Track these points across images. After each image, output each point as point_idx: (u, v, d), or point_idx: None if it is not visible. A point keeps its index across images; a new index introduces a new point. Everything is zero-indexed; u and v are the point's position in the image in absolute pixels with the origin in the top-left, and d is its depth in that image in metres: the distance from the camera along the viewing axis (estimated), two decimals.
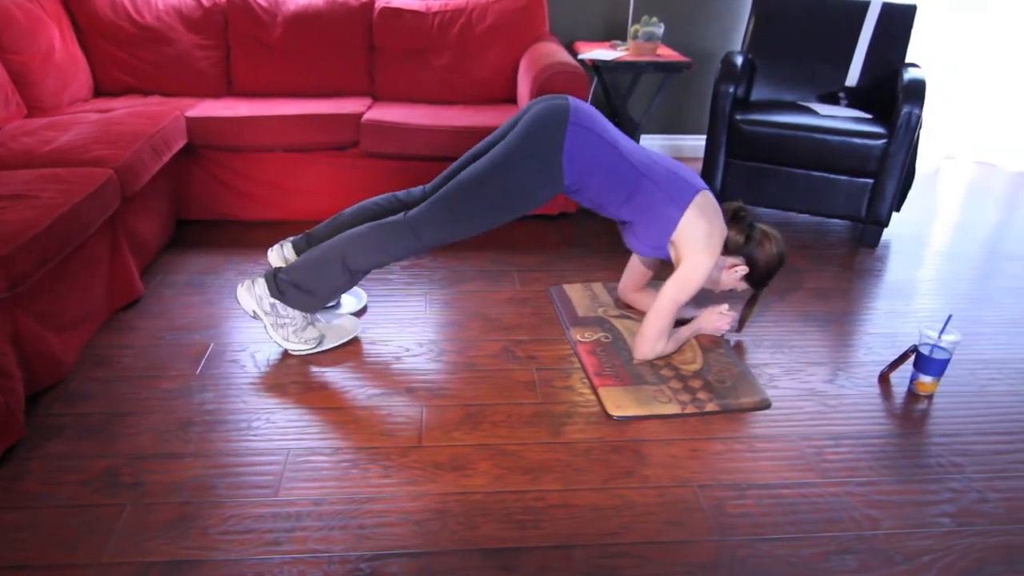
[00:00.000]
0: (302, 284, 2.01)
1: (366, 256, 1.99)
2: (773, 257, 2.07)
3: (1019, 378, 2.11)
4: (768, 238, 2.08)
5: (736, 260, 2.09)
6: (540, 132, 1.91)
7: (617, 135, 2.01)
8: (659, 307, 2.01)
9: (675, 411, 1.89)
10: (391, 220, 1.99)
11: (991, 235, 3.16)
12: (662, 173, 1.99)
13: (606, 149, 1.94)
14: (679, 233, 1.96)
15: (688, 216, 1.95)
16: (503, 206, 1.96)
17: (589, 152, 1.93)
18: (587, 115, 1.96)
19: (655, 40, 3.04)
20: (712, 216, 1.98)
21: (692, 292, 1.98)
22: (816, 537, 1.53)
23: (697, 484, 1.67)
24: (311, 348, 2.08)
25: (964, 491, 1.68)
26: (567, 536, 1.51)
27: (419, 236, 1.97)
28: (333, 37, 3.25)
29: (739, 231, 2.05)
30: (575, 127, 1.92)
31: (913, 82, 2.74)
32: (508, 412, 1.88)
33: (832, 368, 2.13)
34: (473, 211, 1.96)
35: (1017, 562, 1.49)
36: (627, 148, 1.99)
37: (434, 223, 1.97)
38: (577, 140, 1.91)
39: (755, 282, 2.12)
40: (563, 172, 1.93)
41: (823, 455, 1.77)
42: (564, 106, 1.95)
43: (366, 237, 1.98)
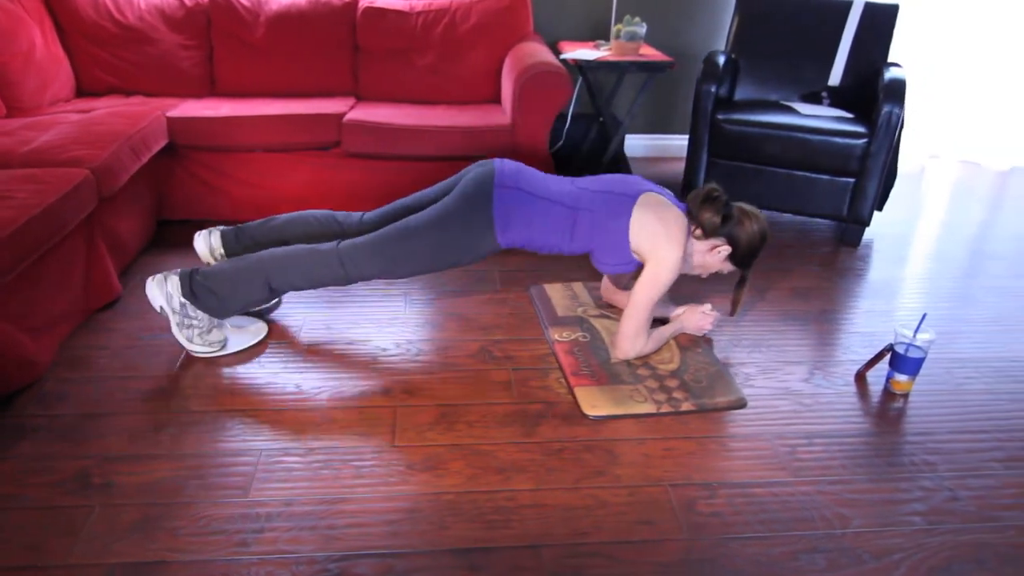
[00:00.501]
0: (218, 291, 2.02)
1: (290, 278, 2.04)
2: (755, 235, 2.05)
3: (996, 376, 2.12)
4: (748, 216, 2.06)
5: (717, 241, 2.07)
6: (470, 200, 1.99)
7: (544, 183, 2.05)
8: (633, 306, 2.01)
9: (650, 410, 1.89)
10: (323, 249, 2.03)
11: (974, 234, 3.16)
12: (595, 199, 2.02)
13: (533, 201, 2.00)
14: (635, 237, 1.97)
15: (635, 220, 1.97)
16: (432, 261, 2.04)
17: (518, 210, 1.99)
18: (511, 175, 2.02)
19: (637, 40, 3.04)
20: (660, 210, 1.99)
21: (663, 287, 1.98)
22: (786, 536, 1.53)
23: (669, 483, 1.67)
24: (214, 351, 2.08)
25: (936, 489, 1.68)
26: (537, 536, 1.51)
27: (346, 269, 2.03)
28: (316, 37, 3.24)
29: (714, 212, 2.02)
30: (500, 190, 1.99)
31: (893, 82, 2.75)
32: (483, 412, 1.88)
33: (809, 367, 2.13)
34: (403, 260, 2.02)
35: (986, 560, 1.49)
36: (556, 191, 2.03)
37: (363, 262, 2.02)
38: (504, 202, 1.98)
39: (740, 262, 2.10)
40: (496, 234, 2.00)
41: (796, 454, 1.77)
42: (489, 172, 2.02)
43: (295, 260, 2.02)
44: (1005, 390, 2.05)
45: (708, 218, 2.02)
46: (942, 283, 2.69)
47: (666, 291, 2.01)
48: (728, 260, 2.08)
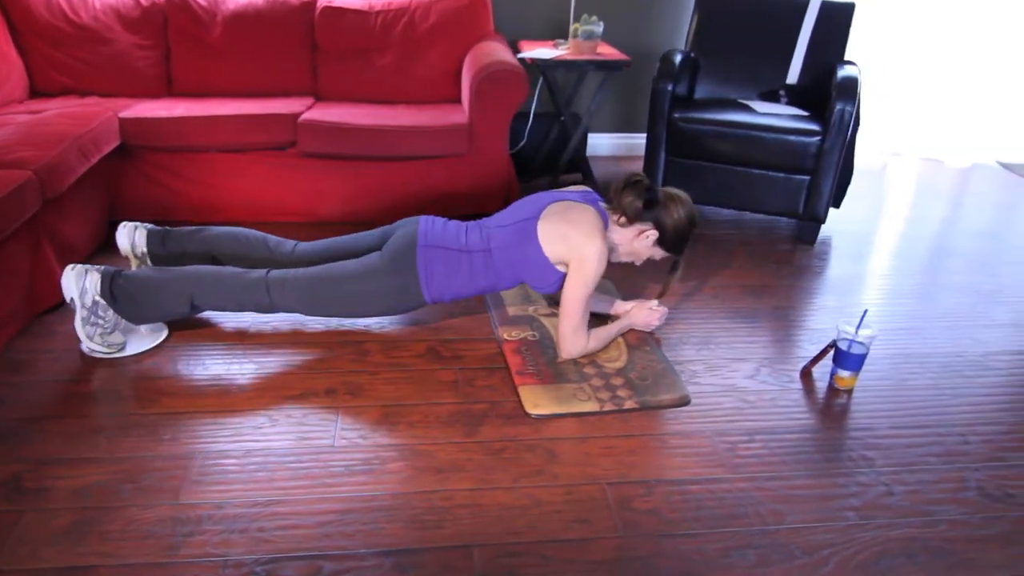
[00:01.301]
0: (139, 298, 2.03)
1: (215, 299, 2.06)
2: (681, 219, 2.04)
3: (941, 372, 2.13)
4: (674, 200, 2.04)
5: (644, 227, 2.06)
6: (396, 259, 2.04)
7: (461, 235, 2.08)
8: (565, 306, 2.01)
9: (593, 409, 1.90)
10: (252, 276, 2.07)
11: (931, 231, 3.19)
12: (504, 234, 2.04)
13: (452, 256, 2.04)
14: (551, 252, 1.98)
15: (542, 235, 1.99)
16: (357, 309, 2.10)
17: (440, 267, 2.04)
18: (432, 233, 2.06)
19: (595, 39, 3.05)
20: (565, 213, 2.00)
21: (592, 282, 1.97)
22: (719, 533, 1.54)
23: (607, 481, 1.67)
24: (112, 352, 2.06)
25: (871, 484, 1.69)
26: (469, 536, 1.50)
27: (272, 299, 2.06)
28: (275, 37, 3.23)
29: (635, 196, 2.00)
30: (423, 249, 2.03)
31: (845, 80, 2.77)
32: (426, 412, 1.88)
33: (756, 364, 2.14)
34: (329, 303, 2.07)
35: (916, 554, 1.50)
36: (470, 240, 2.07)
37: (290, 296, 2.06)
38: (427, 261, 2.03)
39: (670, 247, 2.09)
40: (421, 290, 2.05)
41: (736, 451, 1.78)
42: (413, 232, 2.06)
43: (223, 282, 2.05)
44: (949, 385, 2.07)
45: (630, 202, 2.01)
46: (896, 280, 2.71)
47: (595, 286, 2.00)
48: (657, 245, 2.08)
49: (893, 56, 3.99)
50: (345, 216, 3.01)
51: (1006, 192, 3.74)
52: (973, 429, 1.89)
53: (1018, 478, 1.73)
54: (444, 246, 2.05)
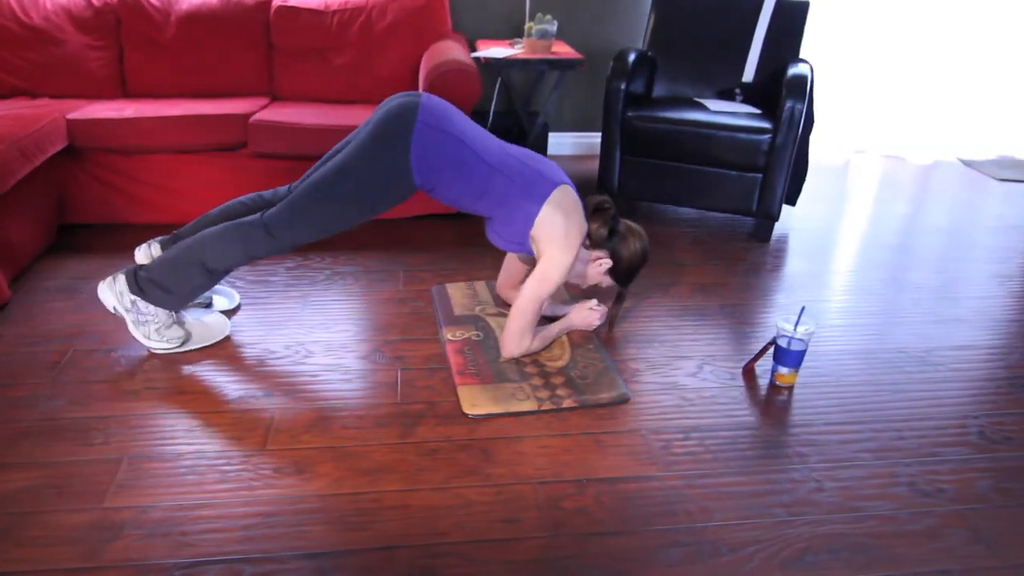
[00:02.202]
0: (162, 282, 2.00)
1: (223, 256, 1.99)
2: (636, 253, 2.08)
3: (882, 368, 2.14)
4: (633, 234, 2.08)
5: (600, 254, 2.09)
6: (387, 132, 1.91)
7: (472, 132, 2.00)
8: (520, 305, 2.01)
9: (531, 408, 1.89)
10: (247, 220, 1.98)
11: (887, 228, 3.21)
12: (518, 169, 1.98)
13: (456, 146, 1.93)
14: (538, 228, 1.96)
15: (545, 211, 1.95)
16: (354, 206, 1.96)
17: (437, 150, 1.92)
18: (437, 113, 1.95)
19: (549, 37, 3.04)
20: (571, 211, 1.98)
21: (552, 288, 1.98)
22: (647, 531, 1.54)
23: (538, 481, 1.66)
24: (174, 347, 2.06)
25: (803, 481, 1.70)
26: (394, 537, 1.50)
27: (274, 236, 1.97)
28: (229, 37, 3.20)
29: (602, 223, 2.05)
30: (423, 126, 1.91)
31: (795, 77, 2.78)
32: (362, 414, 1.87)
33: (699, 362, 2.14)
34: (325, 211, 1.95)
35: (840, 550, 1.50)
36: (481, 146, 1.98)
37: (288, 223, 1.96)
38: (425, 139, 1.90)
39: (618, 278, 2.12)
40: (412, 171, 1.92)
41: (670, 449, 1.78)
42: (414, 104, 1.94)
43: (222, 237, 1.98)
44: (888, 381, 2.08)
45: (595, 229, 2.03)
46: (847, 277, 2.72)
47: (552, 293, 2.01)
48: (608, 274, 2.09)
49: (856, 54, 4.01)
50: None
51: (966, 189, 3.76)
52: (909, 425, 1.90)
53: (950, 473, 1.74)
54: (447, 131, 1.92)
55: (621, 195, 3.12)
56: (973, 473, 1.74)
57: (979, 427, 1.90)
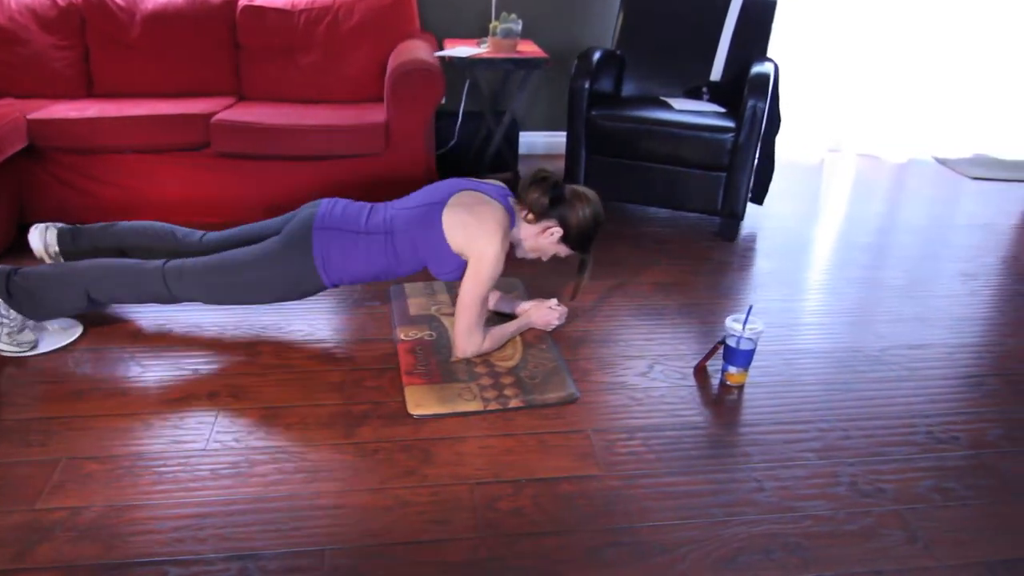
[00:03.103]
0: (37, 294, 2.01)
1: (111, 291, 2.04)
2: (586, 217, 2.05)
3: (834, 367, 2.14)
4: (580, 198, 2.05)
5: (549, 223, 2.06)
6: (292, 244, 2.00)
7: (362, 217, 2.04)
8: (462, 303, 2.00)
9: (477, 408, 1.88)
10: (148, 267, 2.03)
11: (857, 227, 3.20)
12: (408, 217, 2.01)
13: (350, 238, 2.00)
14: (451, 239, 1.96)
15: (446, 222, 1.96)
16: (255, 294, 2.07)
17: (336, 249, 1.99)
18: (331, 216, 2.02)
19: (513, 36, 3.04)
20: (473, 205, 1.98)
21: (488, 281, 1.96)
22: (582, 532, 1.53)
23: (476, 481, 1.66)
24: (23, 351, 2.05)
25: (744, 481, 1.69)
26: (324, 539, 1.49)
27: (170, 288, 2.03)
28: (195, 36, 3.20)
29: (541, 192, 2.02)
30: (320, 232, 1.99)
31: (757, 76, 2.77)
32: (306, 414, 1.86)
33: (650, 362, 2.13)
34: (225, 291, 2.04)
35: (774, 550, 1.50)
36: (372, 223, 2.03)
37: (188, 284, 2.03)
38: (323, 244, 1.98)
39: (574, 244, 2.09)
40: (319, 274, 2.01)
41: (613, 448, 1.77)
42: (311, 215, 2.02)
43: (118, 274, 2.02)
44: (839, 380, 2.07)
45: (535, 199, 2.01)
46: (810, 275, 2.72)
47: (492, 286, 1.99)
48: (562, 242, 2.08)
49: (831, 53, 4.00)
50: (265, 216, 2.96)
51: (938, 187, 3.76)
52: (857, 424, 1.89)
53: (893, 472, 1.73)
54: (341, 228, 2.00)
55: None
56: (916, 473, 1.73)
57: (927, 427, 1.89)
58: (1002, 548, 1.53)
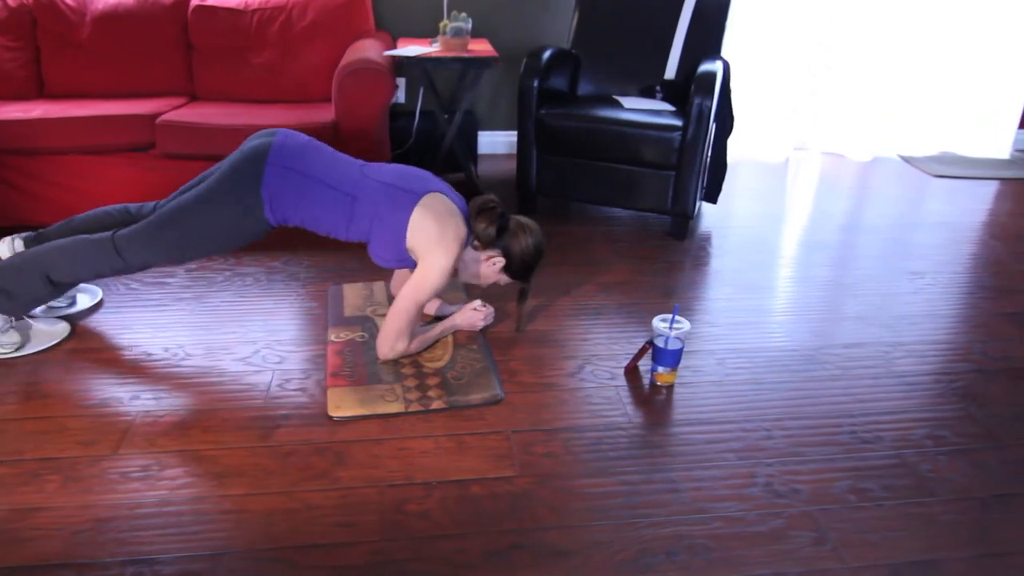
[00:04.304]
0: (5, 287, 1.99)
1: (68, 270, 1.99)
2: (528, 248, 2.05)
3: (766, 367, 2.12)
4: (523, 229, 2.06)
5: (492, 252, 2.07)
6: (237, 175, 1.92)
7: (329, 165, 1.99)
8: (398, 308, 1.99)
9: (398, 410, 1.87)
10: (97, 237, 1.99)
11: (812, 225, 3.19)
12: (379, 190, 1.97)
13: (309, 184, 1.94)
14: (411, 237, 1.94)
15: (414, 219, 1.93)
16: (204, 241, 1.98)
17: (290, 190, 1.93)
18: (290, 153, 1.95)
19: (463, 35, 3.02)
20: (443, 215, 1.96)
21: (431, 292, 1.96)
22: (486, 534, 1.52)
23: (388, 484, 1.64)
24: (8, 352, 2.04)
25: (659, 482, 1.68)
26: (224, 543, 1.48)
27: (123, 256, 1.98)
28: (147, 36, 3.18)
29: (489, 222, 2.02)
30: (273, 167, 1.92)
31: (704, 74, 2.75)
32: (225, 417, 1.85)
33: (581, 362, 2.12)
34: (175, 242, 1.97)
35: (677, 552, 1.49)
36: (337, 176, 1.97)
37: (137, 247, 1.97)
38: (277, 180, 1.92)
39: (515, 274, 2.10)
40: (265, 212, 1.94)
41: (530, 450, 1.76)
42: (265, 146, 1.95)
43: (70, 251, 1.98)
44: (770, 380, 2.06)
45: (482, 229, 2.02)
46: (755, 274, 2.70)
47: (431, 298, 1.99)
48: (503, 272, 2.08)
49: (797, 52, 3.98)
50: None
51: (901, 185, 3.75)
52: (780, 424, 1.88)
53: (811, 473, 1.72)
54: (297, 169, 1.94)
55: (540, 194, 3.10)
56: (834, 473, 1.72)
57: (852, 426, 1.88)
58: (911, 550, 1.51)
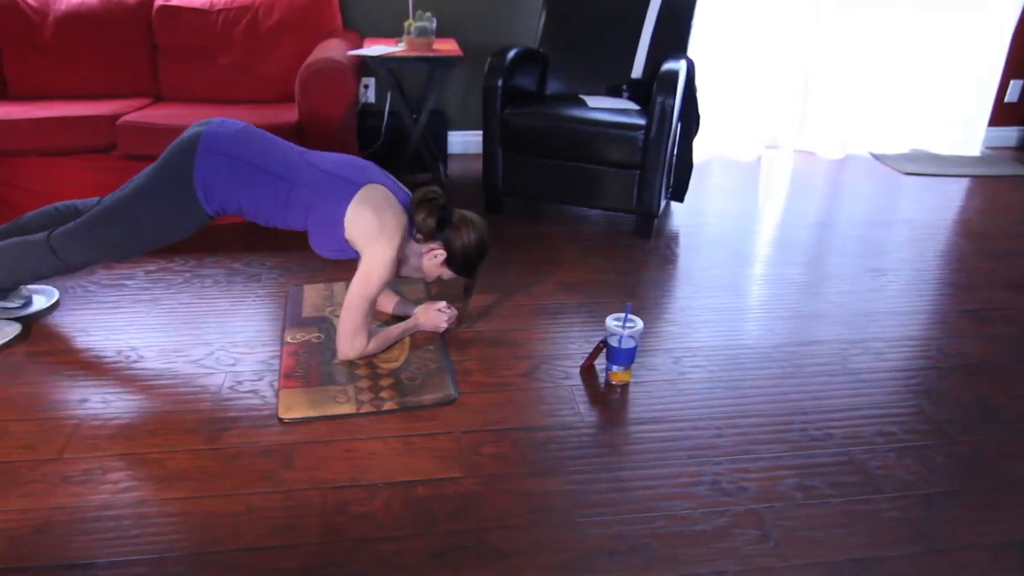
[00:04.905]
0: None
1: (7, 273, 1.96)
2: (470, 243, 2.04)
3: (723, 364, 2.13)
4: (466, 223, 2.04)
5: (433, 245, 2.05)
6: (169, 166, 1.91)
7: (267, 152, 1.97)
8: (348, 306, 1.98)
9: (349, 411, 1.86)
10: (32, 238, 1.98)
11: (777, 223, 3.19)
12: (318, 177, 1.95)
13: (244, 170, 1.92)
14: (349, 229, 1.93)
15: (351, 210, 1.92)
16: (142, 236, 1.97)
17: (223, 177, 1.91)
18: (222, 139, 1.93)
19: (428, 35, 3.01)
20: (382, 205, 1.94)
21: (378, 284, 1.95)
22: (428, 536, 1.51)
23: (333, 486, 1.63)
24: None
25: (607, 481, 1.67)
26: (163, 547, 1.46)
27: (59, 256, 1.97)
28: (111, 37, 3.17)
29: (428, 214, 2.00)
30: (205, 155, 1.90)
31: (666, 73, 2.75)
32: (173, 419, 1.83)
33: (537, 361, 2.11)
34: (112, 238, 1.96)
35: (619, 552, 1.48)
36: (275, 162, 1.96)
37: (74, 246, 1.96)
38: (208, 168, 1.90)
39: (457, 269, 2.09)
40: (200, 201, 1.93)
41: (479, 450, 1.75)
42: (196, 135, 1.93)
43: (8, 253, 1.96)
44: (725, 378, 2.06)
45: (422, 220, 2.00)
46: (717, 273, 2.71)
47: (380, 291, 1.98)
48: (446, 266, 2.07)
49: (769, 50, 3.98)
50: None
51: (870, 183, 3.76)
52: (732, 422, 1.88)
53: (760, 471, 1.72)
54: (235, 156, 1.92)
55: (508, 194, 3.10)
56: (782, 471, 1.72)
57: (804, 424, 1.89)
58: (853, 547, 1.52)
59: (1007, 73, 4.20)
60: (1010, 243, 3.06)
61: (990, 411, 1.96)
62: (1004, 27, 4.00)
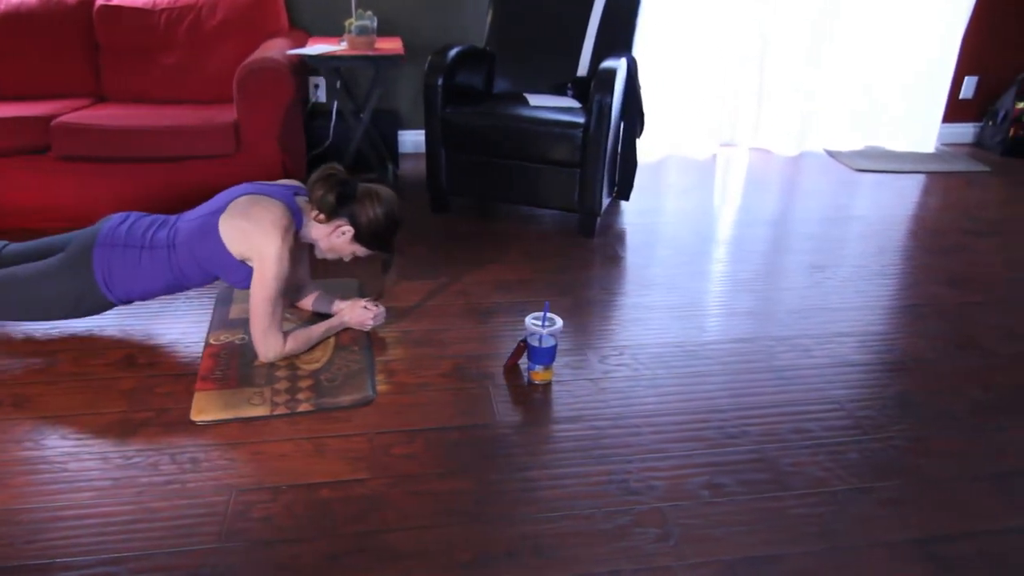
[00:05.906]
0: None
1: None
2: (377, 216, 2.02)
3: (647, 363, 2.12)
4: (371, 196, 2.02)
5: (339, 222, 2.03)
6: (72, 262, 1.99)
7: (149, 230, 2.02)
8: (251, 309, 1.96)
9: (263, 413, 1.85)
10: None
11: (724, 221, 3.20)
12: (188, 230, 1.98)
13: (132, 254, 1.98)
14: (232, 248, 1.93)
15: (223, 232, 1.93)
16: (35, 314, 2.05)
17: (119, 266, 1.98)
18: (112, 232, 2.00)
19: (368, 33, 3.00)
20: (249, 209, 1.93)
21: (275, 282, 1.92)
22: (327, 538, 1.50)
23: (237, 489, 1.62)
24: None
25: (516, 481, 1.66)
26: (57, 553, 1.44)
27: None
28: (51, 37, 3.13)
29: (326, 190, 1.97)
30: (100, 249, 1.98)
31: (604, 72, 2.75)
32: (85, 423, 1.81)
33: (460, 362, 2.10)
34: (15, 307, 2.01)
35: (519, 553, 1.47)
36: (156, 236, 2.01)
37: None
38: (104, 262, 1.97)
39: (367, 243, 2.06)
40: (104, 292, 2.00)
41: (390, 451, 1.74)
42: (93, 233, 2.01)
43: None
44: (648, 376, 2.06)
45: (320, 197, 1.98)
46: (656, 271, 2.70)
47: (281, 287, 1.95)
48: (356, 242, 2.05)
49: (723, 48, 3.98)
50: None
51: (821, 180, 3.77)
52: (650, 421, 1.88)
53: (670, 469, 1.71)
54: (123, 244, 1.99)
55: (453, 193, 3.09)
56: (693, 469, 1.72)
57: (721, 422, 1.88)
58: (753, 544, 1.51)
59: (960, 70, 4.22)
60: (956, 239, 3.08)
61: (910, 407, 1.96)
62: (956, 24, 4.02)
